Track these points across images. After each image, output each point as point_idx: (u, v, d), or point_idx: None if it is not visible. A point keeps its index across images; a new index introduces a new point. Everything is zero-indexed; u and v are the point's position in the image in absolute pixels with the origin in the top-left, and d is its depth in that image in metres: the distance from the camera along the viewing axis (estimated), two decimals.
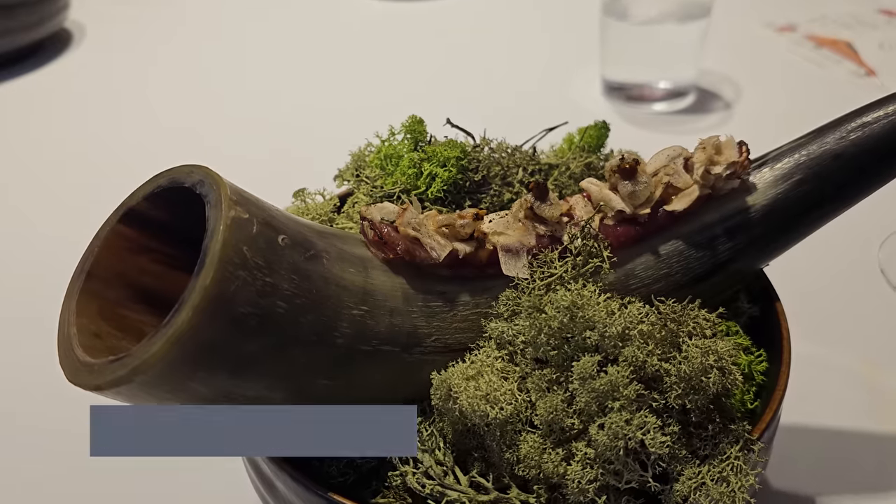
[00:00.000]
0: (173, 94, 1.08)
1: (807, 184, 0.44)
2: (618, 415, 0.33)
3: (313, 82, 1.09)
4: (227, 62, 1.16)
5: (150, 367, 0.31)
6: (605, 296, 0.37)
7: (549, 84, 1.04)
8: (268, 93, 1.07)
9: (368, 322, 0.38)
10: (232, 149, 0.93)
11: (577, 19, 1.13)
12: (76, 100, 1.09)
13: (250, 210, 0.35)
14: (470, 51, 1.15)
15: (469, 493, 0.34)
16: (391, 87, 1.05)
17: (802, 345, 0.62)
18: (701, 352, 0.35)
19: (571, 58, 1.09)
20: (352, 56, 1.15)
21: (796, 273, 0.69)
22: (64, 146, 0.97)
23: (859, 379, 0.61)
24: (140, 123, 1.01)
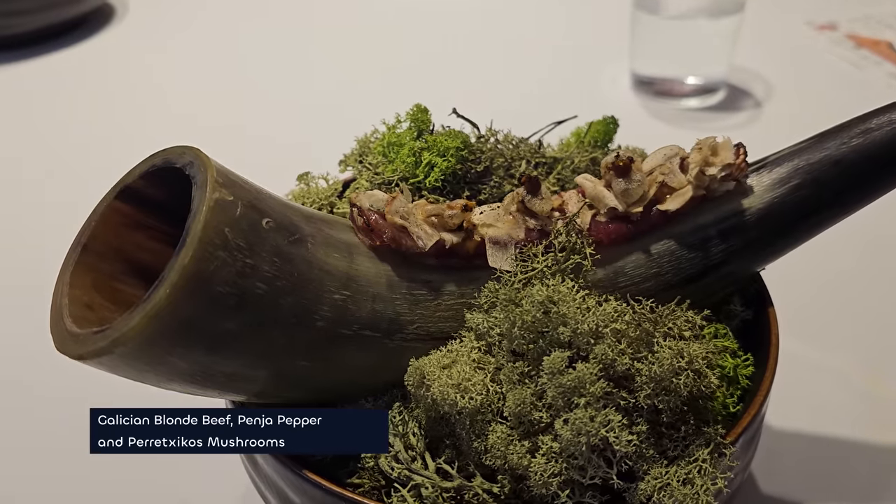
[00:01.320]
0: (208, 76, 1.10)
1: (804, 189, 0.43)
2: (582, 411, 0.33)
3: (341, 66, 1.10)
4: (265, 45, 1.17)
5: (130, 340, 0.33)
6: (582, 292, 0.37)
7: (577, 76, 1.03)
8: (297, 77, 1.08)
9: (350, 307, 0.38)
10: (260, 130, 0.94)
11: (608, 12, 1.12)
12: (114, 76, 1.11)
13: (236, 192, 0.36)
14: (497, 41, 1.15)
15: (434, 478, 0.35)
16: (412, 75, 1.05)
17: (800, 349, 0.62)
18: (672, 353, 0.35)
19: (601, 51, 1.08)
20: (376, 42, 1.16)
21: (797, 276, 0.68)
22: (96, 122, 1.00)
23: (856, 386, 0.60)
24: (172, 103, 1.03)
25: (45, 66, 1.13)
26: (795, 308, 0.65)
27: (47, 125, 1.00)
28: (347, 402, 0.42)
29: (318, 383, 0.40)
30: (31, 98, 1.07)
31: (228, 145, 0.89)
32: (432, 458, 0.37)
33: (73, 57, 1.15)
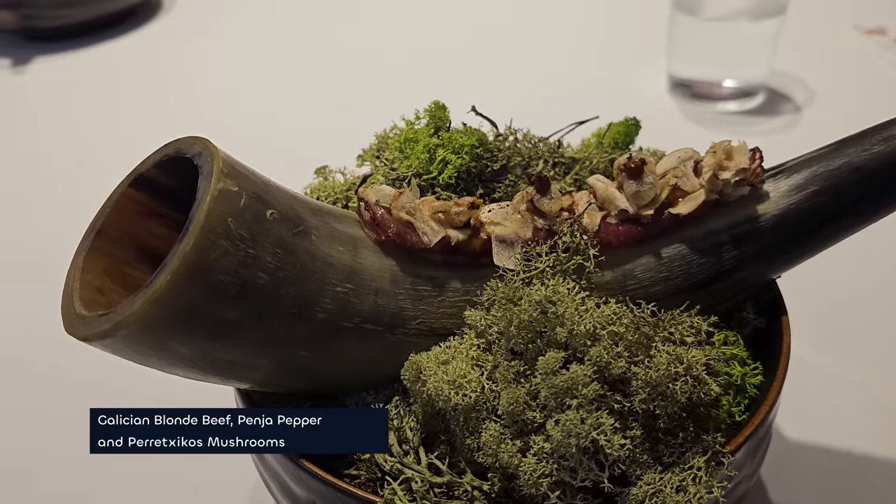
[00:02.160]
0: (244, 70, 1.12)
1: (822, 196, 0.42)
2: (574, 412, 0.33)
3: (374, 61, 1.10)
4: (300, 42, 1.19)
5: (132, 324, 0.33)
6: (583, 294, 0.37)
7: (613, 77, 1.02)
8: (329, 73, 1.09)
9: (352, 300, 0.39)
10: (290, 122, 0.96)
11: (647, 12, 1.10)
12: (160, 67, 1.14)
13: (241, 183, 0.36)
14: (534, 39, 1.14)
15: (425, 473, 0.35)
16: (444, 72, 1.05)
17: (819, 359, 0.61)
18: (670, 358, 0.34)
19: (638, 51, 1.06)
20: (409, 38, 1.17)
21: (817, 284, 0.66)
22: (141, 112, 1.02)
23: (879, 398, 0.58)
24: (213, 95, 1.05)
25: (93, 56, 1.16)
26: (814, 317, 0.64)
27: (94, 115, 1.03)
28: (349, 394, 0.42)
29: (319, 374, 0.40)
30: (80, 87, 1.10)
31: (261, 137, 0.91)
32: (427, 453, 0.37)
33: (120, 48, 1.18)
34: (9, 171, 0.92)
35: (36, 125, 1.02)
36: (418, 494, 0.34)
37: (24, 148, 0.97)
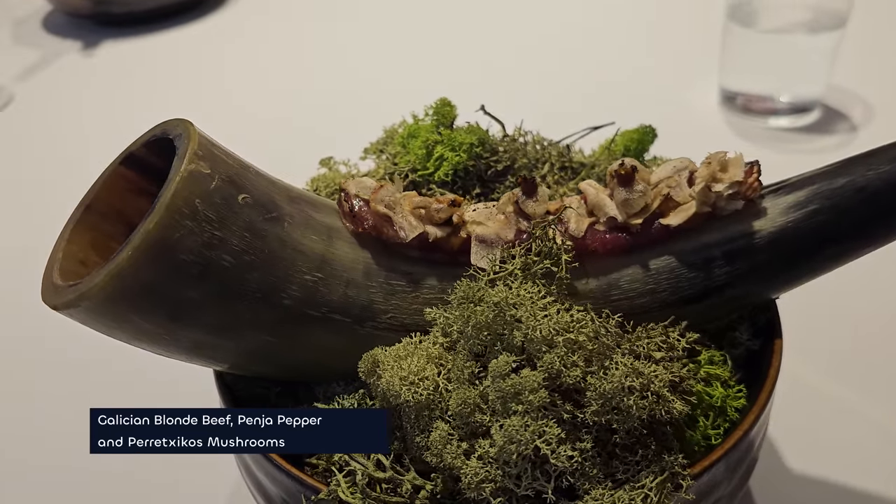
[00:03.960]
0: (308, 65, 1.13)
1: (822, 215, 0.40)
2: (518, 418, 0.32)
3: (419, 56, 1.11)
4: (344, 37, 1.20)
5: (93, 296, 0.34)
6: (548, 298, 0.36)
7: (663, 87, 0.99)
8: (374, 68, 1.10)
9: (321, 289, 0.39)
10: (348, 113, 0.97)
11: (701, 22, 1.07)
12: (224, 56, 1.17)
13: (215, 166, 0.37)
14: (584, 46, 1.13)
15: (368, 467, 0.35)
16: (492, 75, 1.04)
17: (830, 388, 0.58)
18: (625, 371, 0.33)
19: (690, 61, 1.03)
20: (454, 35, 1.16)
21: (844, 310, 0.63)
22: (196, 100, 1.05)
23: (890, 435, 0.55)
24: (270, 84, 1.07)
25: (158, 43, 1.20)
26: (836, 347, 0.61)
27: (154, 99, 1.07)
28: (319, 383, 0.42)
29: (286, 360, 0.40)
30: (144, 73, 1.14)
31: (307, 130, 0.92)
32: None
33: (184, 37, 1.22)
34: (75, 150, 0.95)
35: (101, 106, 1.06)
36: (358, 488, 0.34)
37: (89, 129, 1.01)
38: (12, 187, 0.91)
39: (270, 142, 0.89)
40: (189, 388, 0.49)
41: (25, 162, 0.96)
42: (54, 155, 0.96)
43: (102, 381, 0.64)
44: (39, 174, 0.93)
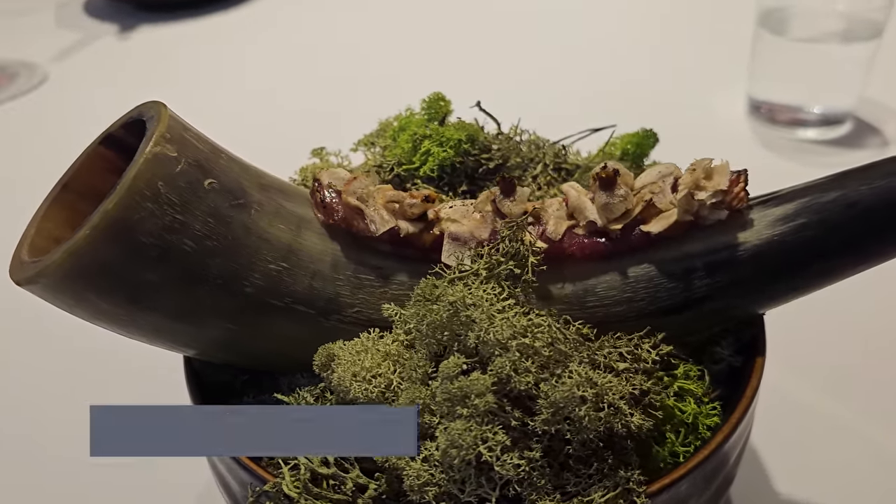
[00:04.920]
0: (339, 54, 1.13)
1: (810, 230, 0.38)
2: (461, 422, 0.31)
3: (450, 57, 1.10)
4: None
5: (51, 273, 0.34)
6: (508, 301, 0.35)
7: (687, 92, 0.97)
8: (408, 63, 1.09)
9: (285, 279, 0.38)
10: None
11: (731, 28, 1.04)
12: (253, 46, 1.18)
13: (182, 150, 0.37)
14: (611, 45, 1.10)
15: (313, 462, 0.34)
16: (523, 78, 1.03)
17: (822, 404, 0.55)
18: (578, 381, 0.32)
19: (718, 68, 1.01)
20: (481, 36, 1.15)
21: (837, 323, 0.60)
22: (221, 85, 1.06)
23: (884, 455, 0.53)
24: (304, 72, 1.08)
25: (192, 29, 1.22)
26: (819, 359, 0.58)
27: (184, 83, 1.08)
28: (283, 373, 0.42)
29: (249, 349, 0.40)
30: (176, 57, 1.15)
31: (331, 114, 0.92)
32: None
33: (219, 24, 1.23)
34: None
35: (131, 89, 1.08)
36: (300, 483, 0.33)
37: (117, 111, 1.02)
38: (41, 165, 0.93)
39: (288, 130, 0.89)
40: (161, 369, 0.48)
41: (54, 140, 0.97)
42: (82, 134, 0.97)
43: (74, 360, 0.64)
44: (67, 153, 0.94)
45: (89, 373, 0.63)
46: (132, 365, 0.57)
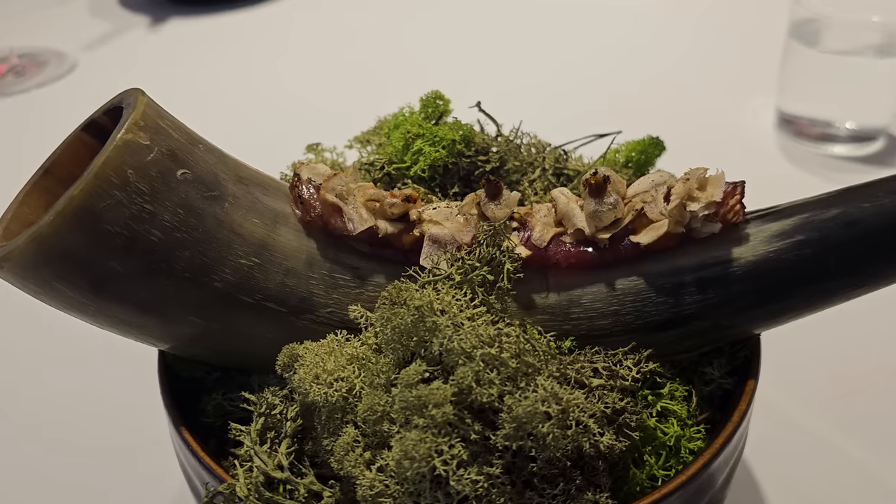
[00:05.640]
0: (365, 54, 1.13)
1: (808, 248, 0.36)
2: (417, 433, 0.30)
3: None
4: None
5: (14, 259, 0.34)
6: (477, 309, 0.34)
7: (716, 104, 0.94)
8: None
9: (256, 275, 0.37)
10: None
11: (761, 38, 1.01)
12: (281, 41, 1.18)
13: (156, 138, 0.36)
14: (638, 52, 1.08)
15: (267, 465, 0.33)
16: (539, 81, 1.01)
17: (822, 430, 0.53)
18: (542, 396, 0.30)
19: (746, 79, 0.98)
20: (517, 40, 1.14)
21: (839, 343, 0.57)
22: (249, 80, 1.06)
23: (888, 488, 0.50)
24: (323, 74, 1.07)
25: (222, 23, 1.22)
26: (820, 382, 0.55)
27: (210, 77, 1.08)
28: (256, 372, 0.41)
29: (218, 346, 0.39)
30: (205, 50, 1.15)
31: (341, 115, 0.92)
32: (295, 445, 0.35)
33: (250, 19, 1.24)
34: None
35: (157, 80, 1.08)
36: (251, 486, 0.32)
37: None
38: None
39: (304, 126, 0.89)
40: (136, 359, 0.48)
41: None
42: None
43: (50, 345, 0.64)
44: None
45: (64, 359, 0.63)
46: (108, 352, 0.56)
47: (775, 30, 0.87)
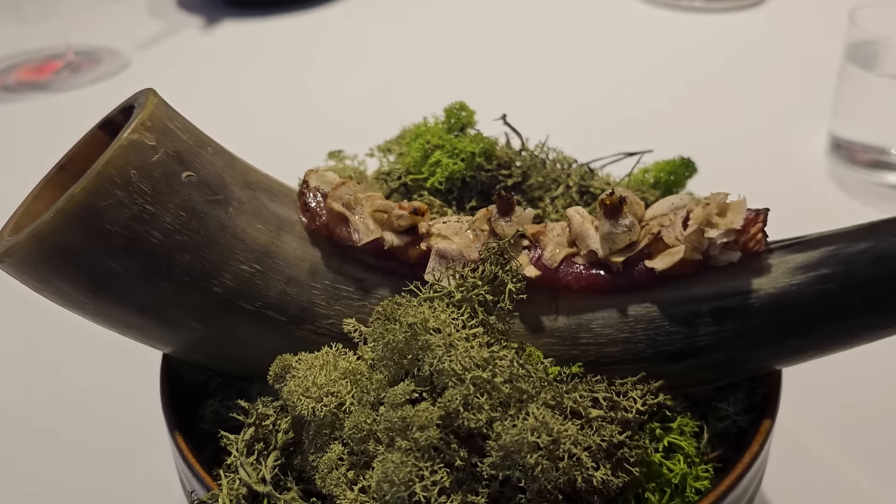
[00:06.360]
0: (413, 62, 1.13)
1: (832, 282, 0.34)
2: (398, 455, 0.29)
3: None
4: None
5: (14, 254, 0.34)
6: (474, 330, 0.32)
7: (765, 127, 0.91)
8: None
9: (257, 282, 0.37)
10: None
11: (816, 60, 0.98)
12: (335, 46, 1.18)
13: (163, 139, 0.36)
14: (686, 75, 1.05)
15: (250, 477, 0.32)
16: (579, 95, 1.00)
17: (847, 470, 0.50)
18: (532, 425, 0.29)
19: (798, 101, 0.94)
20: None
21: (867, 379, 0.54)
22: (300, 84, 1.07)
23: None
24: (368, 82, 1.08)
25: (276, 27, 1.23)
26: (848, 416, 0.52)
27: (261, 80, 1.09)
28: (256, 380, 0.40)
29: (217, 352, 0.39)
30: (258, 53, 1.16)
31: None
32: (282, 458, 0.34)
33: (302, 23, 1.25)
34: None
35: (206, 82, 1.10)
36: (233, 498, 0.31)
37: (189, 104, 1.04)
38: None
39: (334, 130, 0.89)
40: (140, 360, 0.47)
41: None
42: None
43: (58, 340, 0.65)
44: None
45: (70, 357, 0.63)
46: (112, 351, 0.56)
47: (830, 51, 0.84)
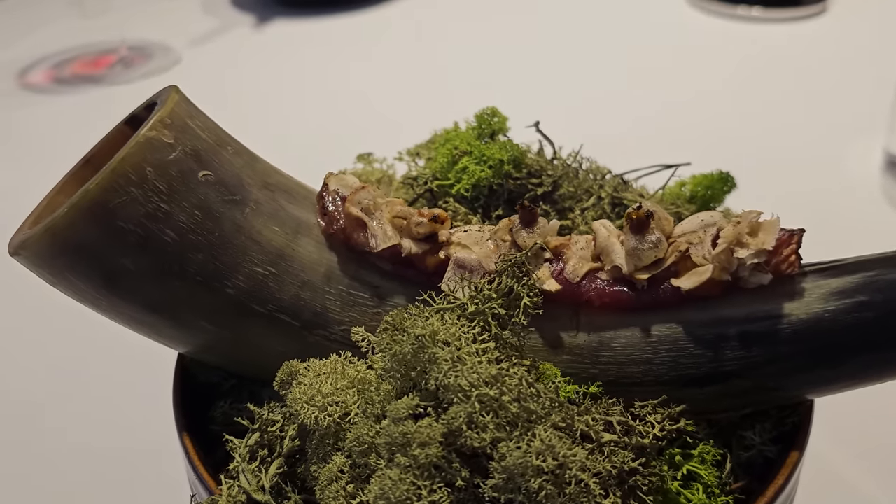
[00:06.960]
0: (460, 66, 1.12)
1: (869, 311, 0.32)
2: (396, 472, 0.28)
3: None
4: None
5: (29, 248, 0.34)
6: (485, 344, 0.31)
7: (816, 141, 0.88)
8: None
9: (271, 285, 0.36)
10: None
11: (873, 75, 0.94)
12: (378, 48, 1.18)
13: (181, 137, 0.35)
14: (736, 85, 1.02)
15: (252, 483, 0.32)
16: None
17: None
18: (537, 448, 0.28)
19: (853, 117, 0.91)
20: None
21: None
22: (346, 84, 1.07)
23: None
24: (411, 86, 1.07)
25: (326, 27, 1.24)
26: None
27: (309, 79, 1.09)
28: (271, 382, 0.39)
29: (229, 353, 0.38)
30: (306, 53, 1.17)
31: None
32: (295, 466, 0.34)
33: (351, 24, 1.25)
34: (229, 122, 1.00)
35: (253, 80, 1.11)
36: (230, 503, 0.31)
37: (233, 104, 1.05)
38: None
39: (379, 134, 0.88)
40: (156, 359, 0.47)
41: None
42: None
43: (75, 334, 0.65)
44: None
45: (86, 352, 0.64)
46: (130, 349, 0.56)
47: (890, 66, 0.81)
